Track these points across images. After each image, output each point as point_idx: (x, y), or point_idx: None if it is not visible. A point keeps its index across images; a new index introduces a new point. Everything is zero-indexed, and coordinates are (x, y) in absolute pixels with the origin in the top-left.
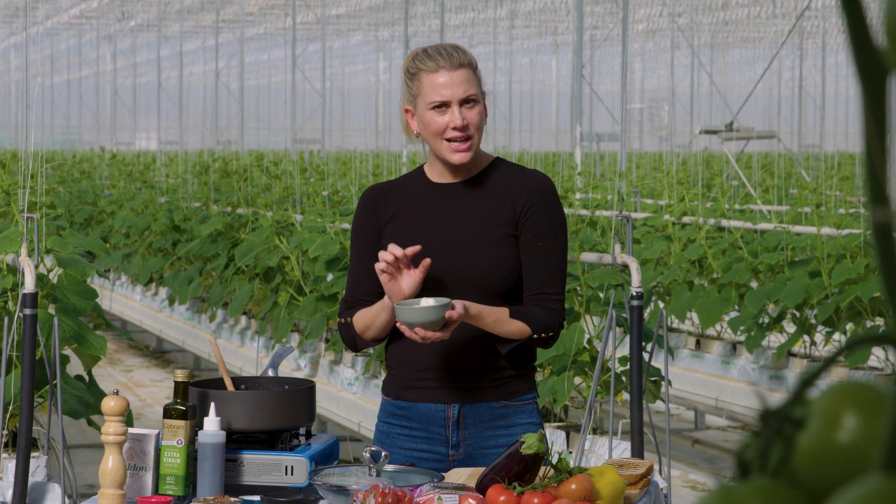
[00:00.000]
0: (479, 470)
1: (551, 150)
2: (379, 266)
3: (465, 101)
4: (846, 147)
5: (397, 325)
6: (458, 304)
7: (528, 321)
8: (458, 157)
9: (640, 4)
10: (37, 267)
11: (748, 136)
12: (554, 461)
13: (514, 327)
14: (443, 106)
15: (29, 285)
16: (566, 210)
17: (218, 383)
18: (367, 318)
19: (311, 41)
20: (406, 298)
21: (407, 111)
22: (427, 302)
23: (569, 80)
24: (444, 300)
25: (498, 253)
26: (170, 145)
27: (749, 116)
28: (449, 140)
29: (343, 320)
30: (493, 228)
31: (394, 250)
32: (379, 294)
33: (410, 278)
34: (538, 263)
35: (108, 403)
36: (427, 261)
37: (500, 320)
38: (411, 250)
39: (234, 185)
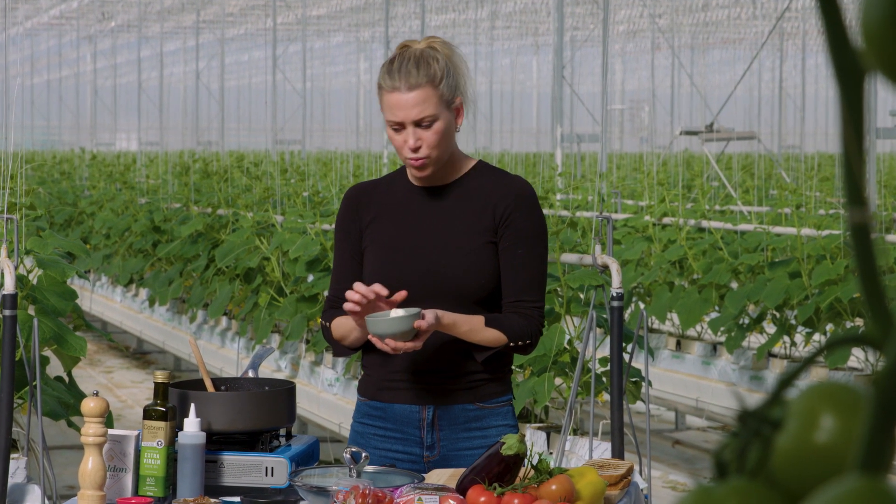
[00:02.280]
0: (460, 471)
1: (532, 150)
2: (347, 306)
3: (419, 122)
4: (826, 148)
5: (369, 337)
6: (429, 314)
7: (505, 329)
8: (416, 174)
9: (620, 6)
10: (16, 268)
11: (728, 137)
12: (534, 462)
13: (490, 336)
14: (399, 125)
15: (8, 286)
16: (547, 211)
17: (198, 384)
18: (344, 330)
19: (291, 42)
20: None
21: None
22: (397, 313)
23: (549, 80)
24: (414, 310)
25: (476, 260)
26: (150, 146)
27: (729, 117)
28: (408, 157)
29: (325, 324)
30: (472, 235)
31: (360, 289)
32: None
33: (381, 309)
34: (517, 271)
35: (88, 405)
36: (402, 294)
37: (474, 329)
38: (379, 289)
39: (215, 185)
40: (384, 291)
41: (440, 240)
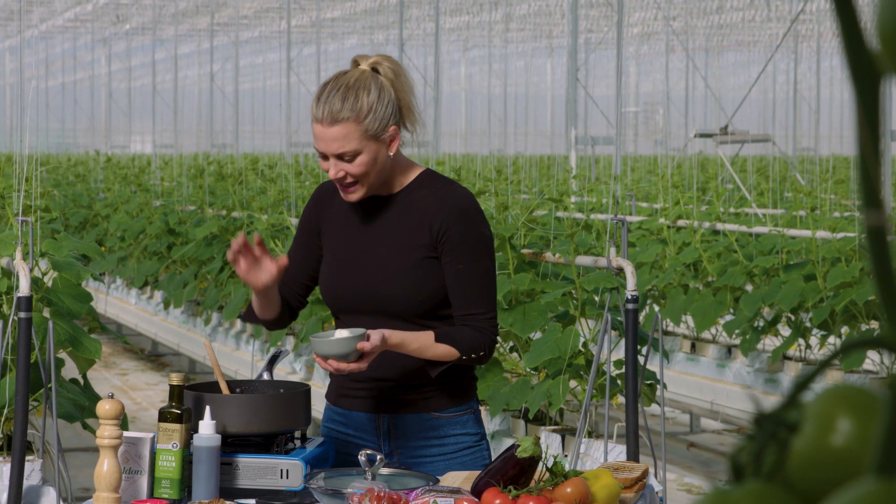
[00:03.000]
0: (475, 473)
1: (546, 153)
2: (228, 255)
3: (341, 156)
4: (841, 150)
5: (313, 356)
6: (375, 335)
7: (456, 344)
8: (345, 198)
9: (634, 8)
10: (31, 270)
11: (743, 140)
12: (549, 464)
13: (441, 351)
14: (322, 154)
15: (24, 289)
16: (561, 214)
17: (213, 387)
18: (253, 302)
19: (305, 44)
20: (262, 289)
21: None
22: (341, 333)
23: (564, 83)
24: (360, 331)
25: (415, 277)
26: (165, 149)
27: (744, 120)
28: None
29: (243, 310)
30: (410, 251)
31: (239, 239)
32: (305, 285)
33: (267, 272)
34: (461, 286)
35: (104, 407)
36: (283, 259)
37: (424, 346)
38: (257, 238)
39: (230, 188)
40: (258, 238)
41: (380, 256)
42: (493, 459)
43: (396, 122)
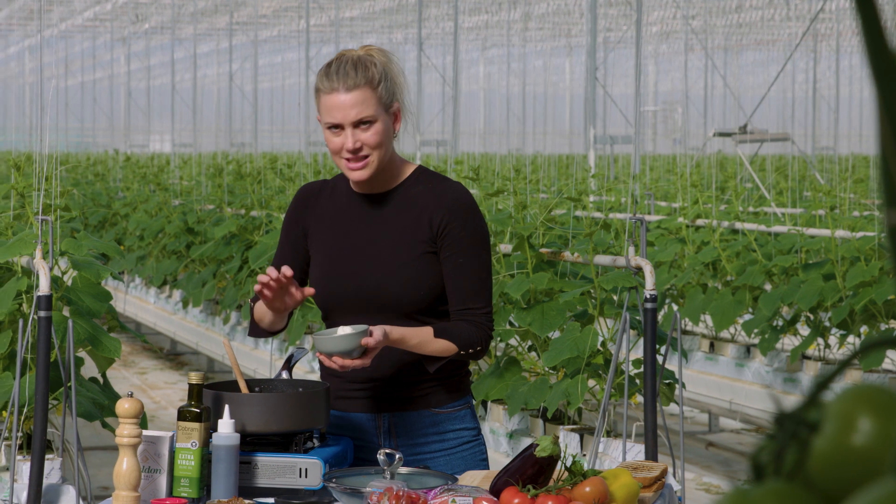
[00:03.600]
0: (494, 472)
1: (565, 152)
2: (256, 287)
3: (358, 123)
4: (860, 149)
5: (317, 355)
6: (377, 331)
7: (454, 339)
8: (355, 175)
9: (653, 7)
10: (51, 269)
11: (762, 139)
12: (568, 464)
13: (440, 346)
14: (337, 127)
15: (43, 287)
16: (580, 213)
17: (232, 386)
18: (261, 312)
19: (324, 43)
20: (283, 312)
21: (319, 121)
22: (344, 330)
23: (582, 82)
24: (362, 327)
25: (414, 273)
26: (184, 148)
27: (763, 119)
28: (346, 159)
29: (251, 303)
30: (409, 247)
31: (270, 272)
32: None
33: (292, 298)
34: (460, 280)
35: (123, 406)
36: (310, 290)
37: (423, 342)
38: (288, 272)
39: (248, 187)
40: (290, 272)
41: (378, 252)
42: (511, 458)
43: (398, 100)
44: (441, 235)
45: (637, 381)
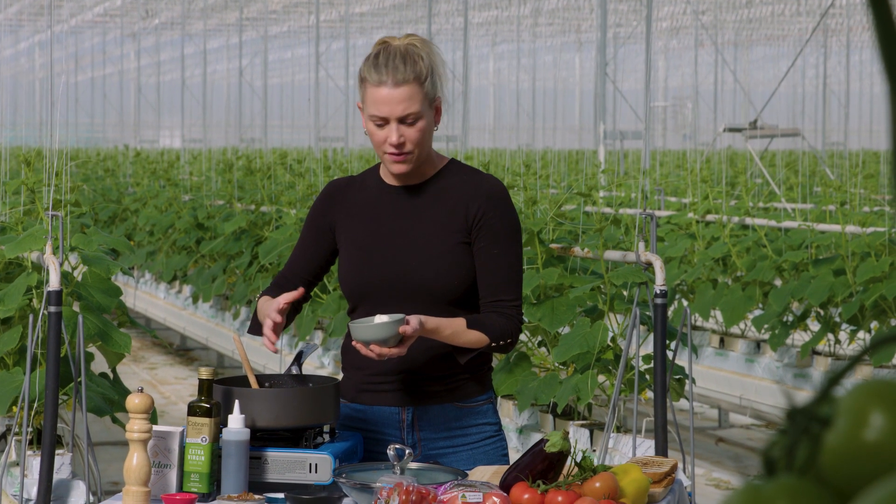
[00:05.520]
0: (504, 468)
1: (575, 147)
2: (266, 344)
3: (404, 119)
4: (871, 145)
5: (353, 343)
6: (413, 319)
7: (486, 330)
8: (395, 168)
9: (663, 2)
10: (61, 264)
11: (772, 134)
12: (578, 459)
13: (472, 337)
14: (382, 120)
15: (53, 283)
16: (590, 208)
17: (242, 381)
18: (262, 313)
19: (334, 39)
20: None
21: (360, 108)
22: (381, 318)
23: (592, 77)
24: (398, 316)
25: (449, 262)
26: (194, 143)
27: (773, 114)
28: (388, 153)
29: (259, 296)
30: (443, 236)
31: (268, 338)
32: (309, 280)
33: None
34: (493, 271)
35: (133, 401)
36: (301, 290)
37: (457, 332)
38: (275, 316)
39: (258, 182)
40: (278, 319)
41: (412, 242)
42: (521, 453)
43: (440, 93)
44: (477, 226)
45: (647, 376)
